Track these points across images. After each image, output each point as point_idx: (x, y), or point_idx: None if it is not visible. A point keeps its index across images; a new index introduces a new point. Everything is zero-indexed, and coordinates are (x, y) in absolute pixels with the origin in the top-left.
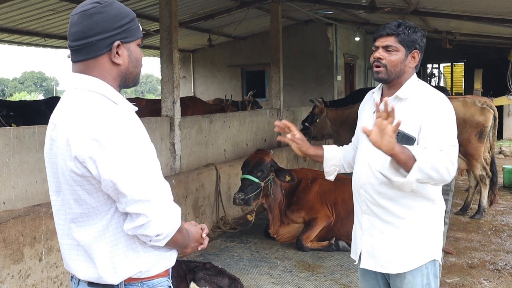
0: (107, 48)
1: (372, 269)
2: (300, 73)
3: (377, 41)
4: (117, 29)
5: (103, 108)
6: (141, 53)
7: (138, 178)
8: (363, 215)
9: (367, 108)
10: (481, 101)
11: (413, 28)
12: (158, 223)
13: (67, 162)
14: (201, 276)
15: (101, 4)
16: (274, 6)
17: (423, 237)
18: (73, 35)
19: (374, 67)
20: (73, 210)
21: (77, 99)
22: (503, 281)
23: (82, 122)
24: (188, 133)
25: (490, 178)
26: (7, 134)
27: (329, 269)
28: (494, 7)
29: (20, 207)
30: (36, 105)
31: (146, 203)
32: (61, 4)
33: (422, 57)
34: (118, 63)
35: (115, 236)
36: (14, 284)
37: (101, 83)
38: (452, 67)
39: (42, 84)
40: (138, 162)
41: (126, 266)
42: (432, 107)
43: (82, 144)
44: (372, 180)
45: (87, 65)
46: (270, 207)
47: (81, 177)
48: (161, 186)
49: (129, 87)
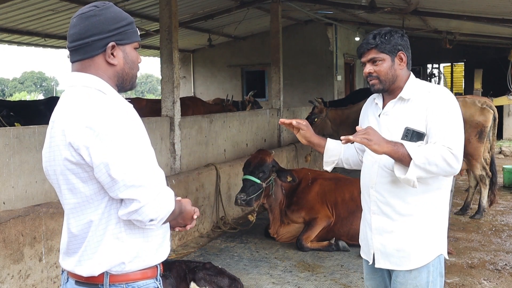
0: (102, 49)
1: (388, 268)
2: (300, 73)
3: (362, 58)
4: (113, 31)
5: (97, 98)
6: (137, 56)
7: (131, 163)
8: (372, 215)
9: (370, 113)
10: (481, 101)
11: (389, 33)
12: (151, 208)
13: (62, 151)
14: (201, 276)
15: (98, 8)
16: (274, 6)
17: (431, 231)
18: (71, 37)
19: (368, 81)
20: (68, 200)
21: (73, 95)
22: (503, 281)
23: (76, 112)
24: (188, 133)
25: (490, 178)
26: (7, 134)
27: (329, 269)
28: (494, 7)
29: (20, 207)
30: (35, 105)
31: (139, 188)
32: (61, 4)
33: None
34: (113, 63)
35: (105, 226)
36: (14, 284)
37: (96, 79)
38: (452, 67)
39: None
40: (131, 148)
41: (109, 255)
42: (436, 101)
43: (76, 132)
44: (383, 179)
45: (83, 65)
46: (271, 207)
47: (76, 165)
48: (154, 171)
49: (126, 90)
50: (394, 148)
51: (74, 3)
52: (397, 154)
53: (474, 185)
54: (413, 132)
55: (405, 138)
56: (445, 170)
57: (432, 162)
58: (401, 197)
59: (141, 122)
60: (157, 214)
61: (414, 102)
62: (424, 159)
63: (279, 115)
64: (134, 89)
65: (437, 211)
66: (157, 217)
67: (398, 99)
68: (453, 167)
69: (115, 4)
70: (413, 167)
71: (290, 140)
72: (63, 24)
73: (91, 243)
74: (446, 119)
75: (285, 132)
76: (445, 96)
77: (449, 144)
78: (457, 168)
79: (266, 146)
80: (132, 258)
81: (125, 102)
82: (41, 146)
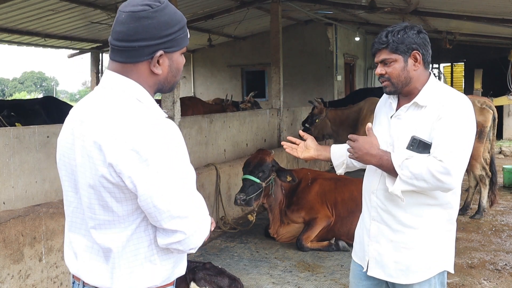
0: (148, 56)
1: (380, 278)
2: (300, 73)
3: (375, 58)
4: (163, 38)
5: (140, 114)
6: (183, 62)
7: (177, 194)
8: (372, 221)
9: (384, 112)
10: (481, 101)
11: (403, 30)
12: (195, 239)
13: (98, 167)
14: (201, 276)
15: (153, 9)
16: (274, 6)
17: (435, 247)
18: (117, 34)
19: (381, 82)
20: (98, 216)
21: (110, 99)
22: (503, 281)
23: (118, 127)
24: (188, 133)
25: (489, 178)
26: (7, 134)
27: (329, 269)
28: (494, 7)
29: (20, 207)
30: (30, 104)
31: (184, 220)
32: (61, 4)
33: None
34: (157, 73)
35: (136, 246)
36: (14, 284)
37: (137, 87)
38: (452, 67)
39: (42, 84)
40: (176, 176)
41: (142, 278)
42: (447, 112)
43: (120, 153)
44: (384, 186)
45: (125, 68)
46: (271, 207)
47: (114, 185)
48: (197, 199)
49: (164, 93)
50: (378, 161)
51: (74, 3)
52: (382, 167)
53: (474, 185)
54: (419, 142)
55: (411, 147)
56: (436, 185)
57: (418, 176)
58: (402, 207)
59: (181, 137)
60: (197, 244)
61: (429, 110)
62: (409, 173)
63: (279, 115)
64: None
65: (444, 226)
66: (197, 246)
67: (413, 104)
68: (444, 182)
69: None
70: (398, 181)
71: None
72: (63, 24)
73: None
74: (450, 130)
75: (285, 132)
76: (459, 107)
77: (442, 157)
78: (450, 183)
79: (266, 146)
80: (163, 280)
81: (163, 115)
82: (41, 146)
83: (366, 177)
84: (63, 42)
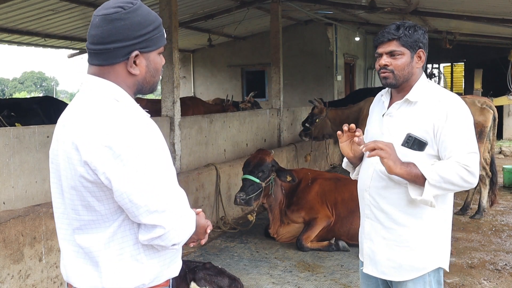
0: (124, 57)
1: (374, 275)
2: (300, 73)
3: (379, 48)
4: (138, 38)
5: (116, 112)
6: (161, 62)
7: (154, 188)
8: (365, 219)
9: (376, 111)
10: (481, 101)
11: (413, 27)
12: (175, 233)
13: (76, 167)
14: (201, 276)
15: (125, 10)
16: (274, 6)
17: (428, 245)
18: (92, 38)
19: (381, 73)
20: (81, 217)
21: (88, 101)
22: (503, 281)
23: (92, 126)
24: (188, 133)
25: (490, 178)
26: (7, 134)
27: (329, 269)
28: (494, 7)
29: (20, 207)
30: (27, 103)
31: (162, 214)
32: (61, 4)
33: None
34: (135, 73)
35: (121, 245)
36: (14, 284)
37: (115, 87)
38: (452, 67)
39: (42, 84)
40: (153, 170)
41: (130, 277)
42: (448, 112)
43: (94, 150)
44: (377, 183)
45: (102, 70)
46: (271, 207)
47: (92, 184)
48: (177, 194)
49: (144, 94)
50: (407, 170)
51: (74, 3)
52: (410, 175)
53: None
54: (414, 140)
55: (406, 145)
56: (462, 186)
57: (447, 180)
58: (394, 205)
59: (161, 134)
60: (180, 238)
61: (421, 107)
62: (439, 177)
63: (279, 115)
64: (153, 92)
65: (437, 224)
66: (180, 242)
67: (404, 101)
68: (470, 182)
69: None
70: (428, 186)
71: (290, 140)
72: (63, 24)
73: (106, 261)
74: (460, 133)
75: (285, 132)
76: (458, 107)
77: (465, 161)
78: (475, 183)
79: (266, 146)
80: (152, 279)
81: (142, 112)
82: (41, 146)
83: (360, 175)
84: (63, 42)
